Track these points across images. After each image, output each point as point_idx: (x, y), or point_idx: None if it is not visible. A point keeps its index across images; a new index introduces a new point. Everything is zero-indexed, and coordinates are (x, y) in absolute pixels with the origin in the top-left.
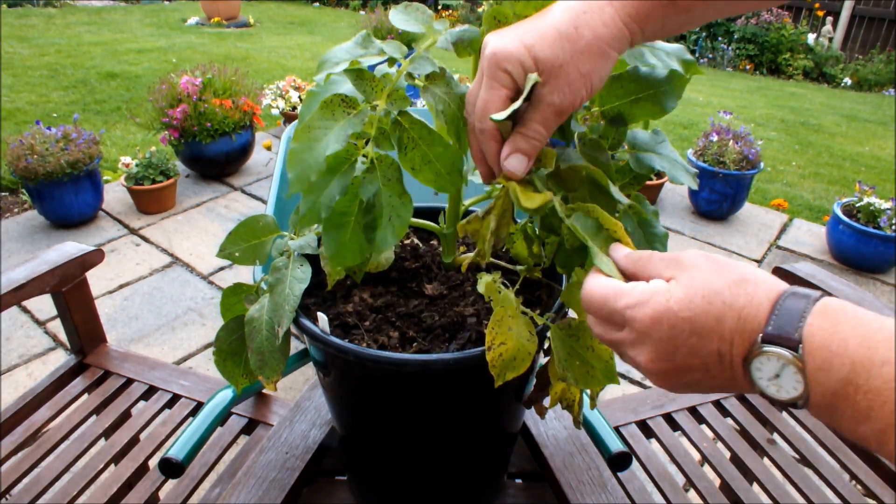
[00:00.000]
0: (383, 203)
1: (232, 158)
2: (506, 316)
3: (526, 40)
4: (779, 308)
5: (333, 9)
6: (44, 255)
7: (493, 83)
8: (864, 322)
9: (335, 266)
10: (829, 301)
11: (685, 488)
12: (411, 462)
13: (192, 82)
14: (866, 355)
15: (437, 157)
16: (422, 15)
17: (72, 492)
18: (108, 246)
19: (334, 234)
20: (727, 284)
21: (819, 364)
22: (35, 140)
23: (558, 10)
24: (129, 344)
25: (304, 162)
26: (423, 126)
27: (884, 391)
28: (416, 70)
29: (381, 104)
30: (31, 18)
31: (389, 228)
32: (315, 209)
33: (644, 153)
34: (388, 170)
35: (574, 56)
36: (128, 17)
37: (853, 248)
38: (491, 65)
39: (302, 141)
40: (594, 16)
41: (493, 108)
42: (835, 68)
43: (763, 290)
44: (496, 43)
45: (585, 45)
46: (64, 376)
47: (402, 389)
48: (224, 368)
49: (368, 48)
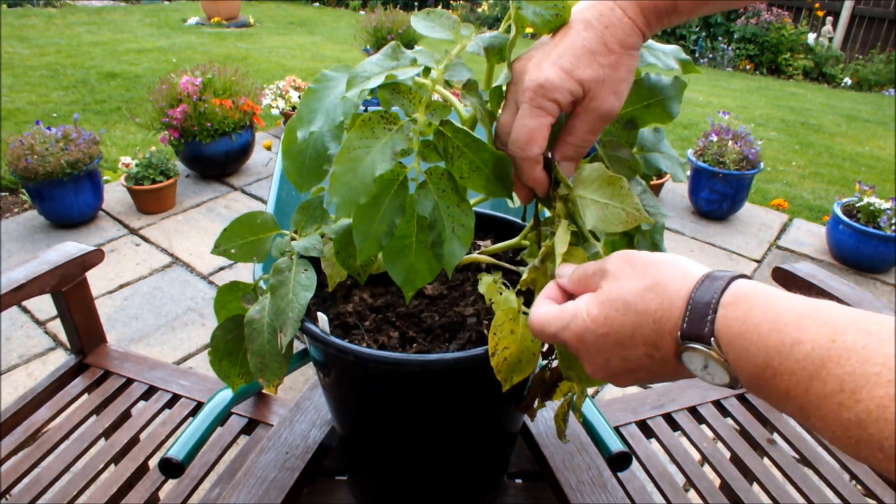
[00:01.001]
0: (443, 216)
1: (232, 158)
2: (507, 319)
3: (565, 66)
4: (691, 305)
5: (333, 9)
6: (44, 255)
7: (539, 112)
8: (774, 305)
9: (407, 291)
10: (739, 287)
11: (685, 488)
12: (411, 462)
13: (192, 82)
14: (778, 339)
15: (485, 162)
16: (447, 21)
17: (72, 492)
18: (108, 246)
19: (399, 260)
20: (639, 292)
21: (738, 353)
22: (35, 140)
23: (581, 29)
24: (129, 344)
25: (349, 185)
26: (467, 134)
27: (797, 371)
28: (452, 77)
29: (421, 116)
30: (31, 18)
31: (455, 240)
32: (372, 239)
33: (651, 153)
34: (441, 181)
35: (611, 69)
36: (128, 17)
37: (853, 248)
38: (538, 95)
39: (343, 163)
40: (617, 29)
41: (541, 136)
42: (835, 68)
43: (674, 288)
44: (540, 75)
45: (616, 56)
46: (64, 376)
47: (402, 390)
48: (220, 368)
49: (400, 59)
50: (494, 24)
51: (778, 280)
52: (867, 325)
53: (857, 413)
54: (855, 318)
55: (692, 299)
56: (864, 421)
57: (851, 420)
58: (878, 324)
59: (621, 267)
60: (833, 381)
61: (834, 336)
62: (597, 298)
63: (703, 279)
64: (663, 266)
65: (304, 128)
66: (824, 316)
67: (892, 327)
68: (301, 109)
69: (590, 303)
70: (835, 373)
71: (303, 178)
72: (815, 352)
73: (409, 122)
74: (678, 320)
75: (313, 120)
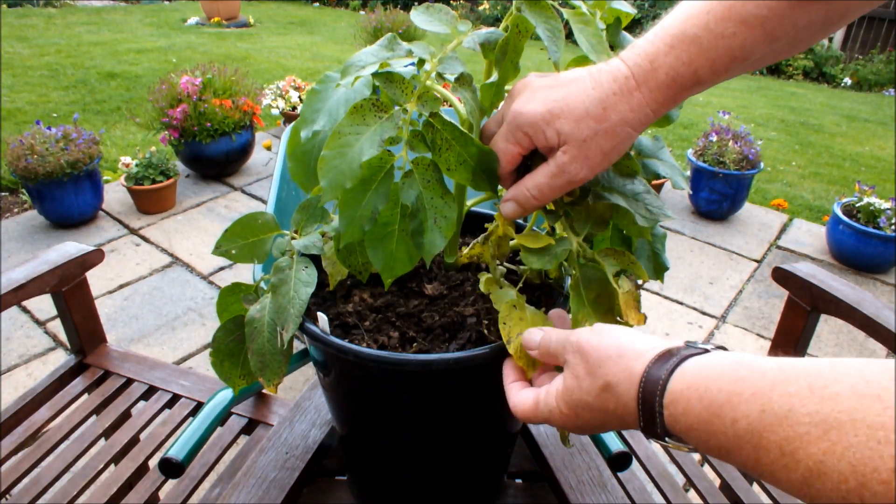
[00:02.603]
0: (426, 206)
1: (232, 158)
2: (511, 309)
3: (553, 109)
4: (641, 409)
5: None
6: (44, 255)
7: (511, 138)
8: (709, 390)
9: (385, 277)
10: (681, 376)
11: (685, 488)
12: (411, 462)
13: (192, 82)
14: (720, 423)
15: (472, 156)
16: (445, 16)
17: (72, 492)
18: (108, 246)
19: (381, 246)
20: (596, 394)
21: (695, 441)
22: (35, 140)
23: (588, 84)
24: (129, 344)
25: (337, 169)
26: (455, 127)
27: (744, 447)
28: (445, 70)
29: (412, 106)
30: (31, 18)
31: (437, 231)
32: (356, 223)
33: (649, 159)
34: (427, 172)
35: (598, 134)
36: (128, 17)
37: (853, 248)
38: (513, 123)
39: (333, 148)
40: (623, 100)
41: (508, 160)
42: (835, 68)
43: (624, 389)
44: (526, 106)
45: (610, 126)
46: (64, 376)
47: (402, 389)
48: (221, 370)
49: (396, 50)
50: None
51: (778, 280)
52: (787, 385)
53: (801, 473)
54: (776, 382)
55: (640, 402)
56: (808, 479)
57: (800, 479)
58: (796, 382)
59: (577, 361)
60: (773, 448)
61: (762, 406)
62: (564, 398)
63: (643, 376)
64: (610, 364)
65: (307, 127)
66: (750, 387)
67: (809, 380)
68: (304, 110)
69: (559, 401)
70: (772, 440)
71: (309, 179)
72: (752, 426)
73: (401, 111)
74: (635, 420)
75: (316, 119)
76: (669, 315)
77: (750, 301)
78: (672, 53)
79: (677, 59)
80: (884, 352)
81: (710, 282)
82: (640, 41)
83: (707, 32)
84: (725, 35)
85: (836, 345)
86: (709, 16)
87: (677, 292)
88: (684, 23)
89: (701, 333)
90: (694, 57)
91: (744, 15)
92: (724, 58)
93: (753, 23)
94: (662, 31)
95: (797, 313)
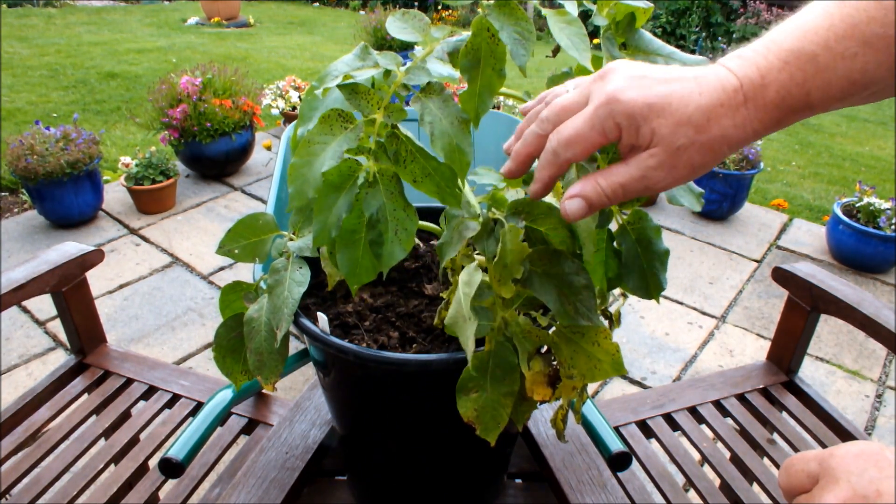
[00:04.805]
0: (388, 217)
1: (232, 158)
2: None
3: (655, 105)
4: None
5: (333, 9)
6: (44, 255)
7: (598, 125)
8: None
9: (351, 283)
10: None
11: (685, 488)
12: (411, 462)
13: (192, 82)
14: None
15: (435, 169)
16: (419, 22)
17: (72, 492)
18: (108, 246)
19: (347, 253)
20: None
21: None
22: (35, 140)
23: (695, 89)
24: (129, 344)
25: (303, 177)
26: (413, 141)
27: None
28: (411, 81)
29: (379, 117)
30: (31, 18)
31: (396, 242)
32: (326, 229)
33: None
34: (391, 183)
35: (694, 145)
36: (128, 17)
37: (853, 248)
38: (605, 108)
39: (302, 156)
40: (728, 114)
41: (582, 146)
42: None
43: None
44: (622, 93)
45: (709, 139)
46: (64, 376)
47: (402, 389)
48: (223, 365)
49: (366, 60)
50: None
51: (778, 280)
52: None
53: None
54: None
55: None
56: None
57: None
58: None
59: None
60: None
61: None
62: None
63: None
64: None
65: (304, 125)
66: None
67: None
68: (303, 108)
69: None
70: None
71: None
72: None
73: (367, 122)
74: None
75: (313, 118)
76: (669, 315)
77: (750, 301)
78: (786, 70)
79: (791, 77)
80: (884, 352)
81: (709, 282)
82: (748, 52)
83: (826, 51)
84: (846, 56)
85: (836, 345)
86: (829, 32)
87: (677, 292)
88: (801, 39)
89: (701, 333)
90: (809, 77)
91: (868, 35)
92: (841, 81)
93: (878, 45)
94: (775, 44)
95: (797, 313)
